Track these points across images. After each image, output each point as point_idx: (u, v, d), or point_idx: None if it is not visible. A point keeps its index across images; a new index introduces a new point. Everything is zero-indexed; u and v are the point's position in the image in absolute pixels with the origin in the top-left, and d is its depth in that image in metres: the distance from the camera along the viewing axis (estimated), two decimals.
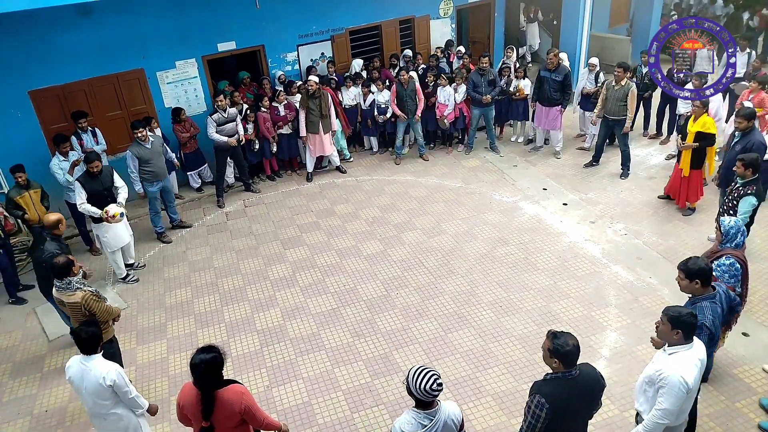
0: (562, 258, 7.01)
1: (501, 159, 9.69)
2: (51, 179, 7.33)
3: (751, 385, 5.06)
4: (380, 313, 6.31)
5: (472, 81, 9.32)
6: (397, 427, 3.21)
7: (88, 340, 3.99)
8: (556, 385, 3.27)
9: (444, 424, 3.20)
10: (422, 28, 11.03)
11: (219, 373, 3.48)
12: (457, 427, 3.27)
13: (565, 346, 3.23)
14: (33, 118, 7.89)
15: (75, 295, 4.61)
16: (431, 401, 3.17)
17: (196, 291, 6.93)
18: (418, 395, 3.13)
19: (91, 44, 7.98)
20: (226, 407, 3.46)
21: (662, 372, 3.51)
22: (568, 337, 3.28)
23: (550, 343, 3.29)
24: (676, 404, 3.48)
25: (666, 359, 3.57)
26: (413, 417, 3.19)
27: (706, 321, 3.87)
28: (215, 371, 3.44)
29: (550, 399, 3.21)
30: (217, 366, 3.44)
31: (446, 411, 3.23)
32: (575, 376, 3.29)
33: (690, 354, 3.53)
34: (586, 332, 5.73)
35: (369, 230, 7.92)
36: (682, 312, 3.54)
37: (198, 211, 8.81)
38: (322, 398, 5.26)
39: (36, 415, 5.35)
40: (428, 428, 3.15)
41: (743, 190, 5.53)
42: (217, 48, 9.06)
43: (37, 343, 6.28)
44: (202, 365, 3.38)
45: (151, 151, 7.39)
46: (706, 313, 3.91)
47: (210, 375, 3.43)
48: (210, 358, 3.40)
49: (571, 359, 3.26)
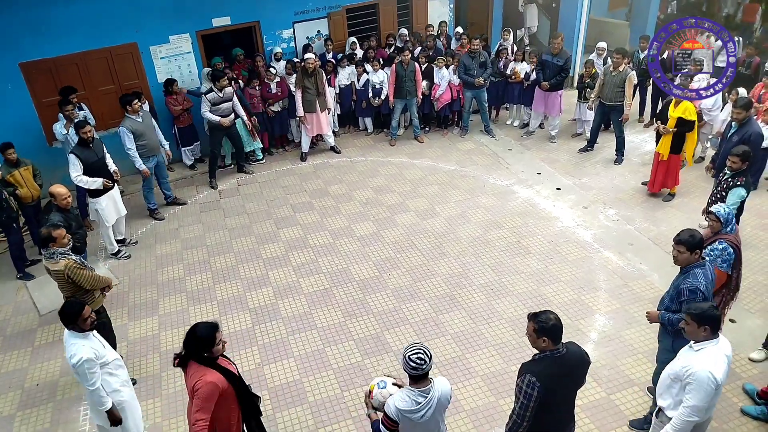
0: (554, 242, 7.05)
1: (496, 142, 9.67)
2: (44, 154, 7.26)
3: (735, 371, 5.13)
4: (372, 293, 6.34)
5: (463, 63, 9.25)
6: (391, 404, 3.24)
7: (63, 313, 3.96)
8: (546, 365, 3.32)
9: (438, 401, 3.25)
10: (420, 8, 10.90)
11: (198, 350, 3.49)
12: (448, 401, 3.35)
13: (549, 321, 3.28)
14: (24, 91, 7.79)
15: (58, 263, 4.69)
16: (422, 376, 3.21)
17: (189, 268, 6.93)
18: (402, 364, 3.20)
19: (84, 16, 7.85)
20: (190, 380, 3.51)
21: (690, 368, 3.49)
22: (547, 313, 3.34)
23: (534, 324, 3.34)
24: (704, 400, 3.46)
25: (693, 355, 3.55)
26: (407, 394, 3.22)
27: (700, 286, 3.97)
28: (196, 345, 3.48)
29: (541, 378, 3.25)
30: (199, 343, 3.47)
31: (439, 388, 3.28)
32: (563, 353, 3.34)
33: (717, 349, 3.53)
34: (576, 316, 5.79)
35: (362, 211, 7.92)
36: (704, 307, 3.53)
37: (191, 188, 8.76)
38: (312, 376, 5.30)
39: (27, 389, 5.37)
40: (423, 405, 3.19)
41: (732, 181, 5.54)
42: (211, 23, 8.93)
43: (28, 317, 6.28)
44: (191, 333, 3.51)
45: (143, 124, 7.30)
46: (699, 279, 4.00)
47: (190, 344, 3.50)
48: (198, 335, 3.47)
49: (558, 333, 3.31)
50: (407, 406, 3.20)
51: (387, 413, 3.27)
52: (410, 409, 3.19)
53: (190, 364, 3.53)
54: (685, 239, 4.09)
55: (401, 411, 3.20)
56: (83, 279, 4.75)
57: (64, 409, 5.12)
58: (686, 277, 4.09)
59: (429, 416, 3.21)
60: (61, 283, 4.80)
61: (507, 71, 9.59)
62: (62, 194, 5.57)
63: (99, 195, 6.65)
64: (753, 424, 4.66)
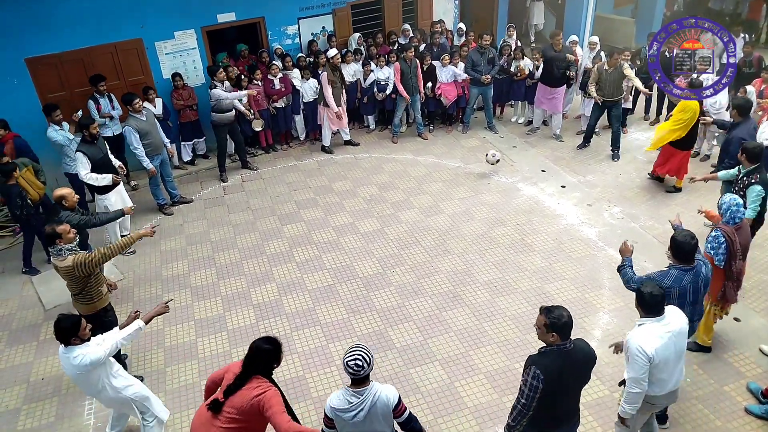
0: (558, 240, 7.04)
1: (501, 139, 9.65)
2: (47, 151, 7.28)
3: (740, 370, 5.13)
4: (376, 290, 6.35)
5: (471, 59, 9.23)
6: (328, 401, 3.32)
7: (63, 329, 3.97)
8: (552, 358, 3.34)
9: (372, 404, 3.24)
10: (425, 4, 10.87)
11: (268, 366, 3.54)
12: (390, 408, 3.29)
13: (561, 318, 3.32)
14: (30, 87, 7.80)
15: (66, 260, 4.70)
16: (361, 379, 3.23)
17: (193, 264, 6.94)
18: (344, 368, 3.23)
19: (90, 12, 7.86)
20: (248, 392, 3.45)
21: (628, 342, 3.74)
22: (561, 309, 3.36)
23: (545, 318, 3.36)
24: (638, 372, 3.66)
25: (634, 330, 3.79)
26: (342, 393, 3.29)
27: (665, 282, 4.11)
28: (267, 361, 3.53)
29: (546, 371, 3.28)
30: (270, 358, 3.52)
31: (376, 393, 3.26)
32: (570, 348, 3.36)
33: (658, 326, 3.70)
34: (580, 314, 5.79)
35: (366, 208, 7.92)
36: (645, 291, 3.72)
37: (195, 184, 8.78)
38: (316, 372, 5.32)
39: (32, 383, 5.40)
40: (354, 405, 3.23)
41: (747, 180, 5.49)
42: (216, 19, 8.94)
43: (34, 311, 6.31)
44: (258, 351, 3.50)
45: (147, 122, 7.30)
46: (664, 280, 4.13)
47: (261, 361, 3.50)
48: (267, 349, 3.50)
49: (567, 330, 3.35)
50: (339, 404, 3.26)
51: (325, 410, 3.34)
52: (341, 408, 3.25)
53: (252, 380, 3.49)
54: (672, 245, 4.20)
55: (334, 408, 3.27)
56: (95, 262, 4.70)
57: (69, 403, 5.15)
58: (662, 275, 4.21)
59: (361, 418, 3.24)
60: (69, 279, 4.79)
61: (511, 68, 9.56)
62: (70, 194, 5.60)
63: (107, 191, 6.67)
64: (757, 423, 4.65)
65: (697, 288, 4.15)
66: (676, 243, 4.11)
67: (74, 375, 4.07)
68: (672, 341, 3.69)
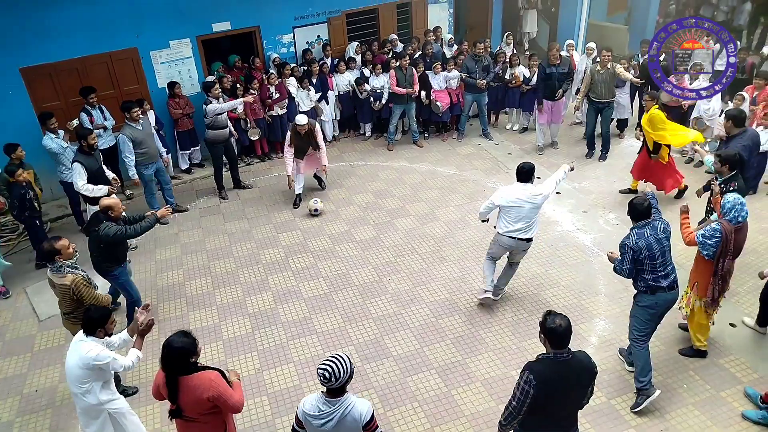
0: (554, 246, 7.05)
1: (496, 146, 9.68)
2: (42, 160, 7.26)
3: (736, 375, 5.13)
4: (372, 298, 6.33)
5: (466, 66, 9.28)
6: (301, 402, 3.31)
7: (92, 319, 4.01)
8: (546, 365, 3.35)
9: (341, 416, 3.18)
10: (420, 12, 10.94)
11: (185, 362, 3.49)
12: (360, 424, 3.23)
13: (552, 323, 3.31)
14: (24, 96, 7.80)
15: (66, 278, 4.61)
16: (336, 390, 3.18)
17: (188, 273, 6.92)
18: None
19: (84, 21, 7.88)
20: (192, 392, 3.47)
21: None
22: (559, 317, 3.34)
23: (543, 319, 3.39)
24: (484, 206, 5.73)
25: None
26: (315, 399, 3.26)
27: (628, 242, 4.57)
28: (181, 359, 3.47)
29: (539, 377, 3.28)
30: (183, 354, 3.46)
31: (349, 406, 3.21)
32: (568, 358, 3.35)
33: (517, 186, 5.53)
34: (576, 320, 5.78)
35: (362, 216, 7.92)
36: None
37: (191, 193, 8.76)
38: (312, 382, 5.29)
39: (26, 395, 5.35)
40: (323, 414, 3.19)
41: (725, 187, 5.51)
42: (211, 28, 8.97)
43: (28, 322, 6.27)
44: (167, 350, 3.46)
45: (143, 132, 7.31)
46: (629, 239, 4.59)
47: (174, 360, 3.47)
48: (177, 346, 3.45)
49: (557, 338, 3.32)
50: (310, 409, 3.23)
51: (296, 411, 3.34)
52: (311, 413, 3.22)
53: (182, 381, 3.48)
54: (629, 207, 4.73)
55: (305, 412, 3.25)
56: (87, 297, 4.66)
57: (63, 416, 5.10)
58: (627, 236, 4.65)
59: (329, 428, 3.20)
60: (63, 297, 4.69)
61: (506, 76, 9.60)
62: (117, 204, 5.42)
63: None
64: (754, 429, 4.64)
65: (659, 239, 4.55)
66: (632, 205, 4.65)
67: (72, 365, 4.01)
68: (524, 193, 5.46)
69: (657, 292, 4.61)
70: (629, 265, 4.57)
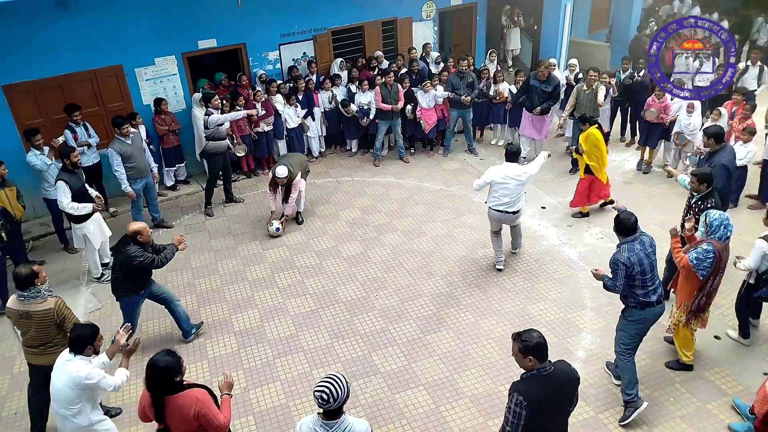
0: (540, 261, 7.08)
1: (481, 162, 9.75)
2: (24, 177, 7.18)
3: (721, 387, 5.16)
4: (359, 314, 6.30)
5: (451, 83, 9.38)
6: (297, 426, 3.27)
7: (79, 337, 3.95)
8: (533, 383, 3.35)
9: None
10: (405, 30, 11.06)
11: (169, 381, 3.46)
12: None
13: (532, 339, 3.34)
14: (7, 114, 7.72)
15: (47, 301, 4.47)
16: (332, 412, 3.13)
17: (173, 291, 6.80)
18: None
19: (68, 39, 7.84)
20: (178, 411, 3.44)
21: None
22: (531, 332, 3.39)
23: (518, 344, 3.39)
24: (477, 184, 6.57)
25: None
26: (312, 421, 3.22)
27: (621, 258, 4.52)
28: (165, 378, 3.44)
29: (528, 396, 3.28)
30: (167, 374, 3.44)
31: (347, 428, 3.16)
32: (550, 372, 3.36)
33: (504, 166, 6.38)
34: (563, 334, 5.80)
35: (349, 231, 7.91)
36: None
37: (176, 209, 8.70)
38: (299, 400, 5.23)
39: (4, 418, 5.22)
40: None
41: (702, 204, 5.57)
42: (197, 45, 8.98)
43: (8, 343, 6.13)
44: (151, 370, 3.43)
45: (132, 146, 7.26)
46: (621, 254, 4.55)
47: (159, 380, 3.44)
48: (161, 366, 3.42)
49: (543, 351, 3.35)
50: None
51: None
52: None
53: (168, 400, 3.45)
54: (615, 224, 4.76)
55: None
56: (69, 318, 4.56)
57: None
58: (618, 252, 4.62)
59: None
60: (42, 325, 4.46)
61: (490, 92, 9.70)
62: (146, 229, 5.36)
63: (85, 220, 6.58)
64: None
65: (648, 253, 4.59)
66: (619, 221, 4.68)
67: (62, 387, 3.92)
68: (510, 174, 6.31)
69: (647, 308, 4.63)
70: (623, 281, 4.54)
